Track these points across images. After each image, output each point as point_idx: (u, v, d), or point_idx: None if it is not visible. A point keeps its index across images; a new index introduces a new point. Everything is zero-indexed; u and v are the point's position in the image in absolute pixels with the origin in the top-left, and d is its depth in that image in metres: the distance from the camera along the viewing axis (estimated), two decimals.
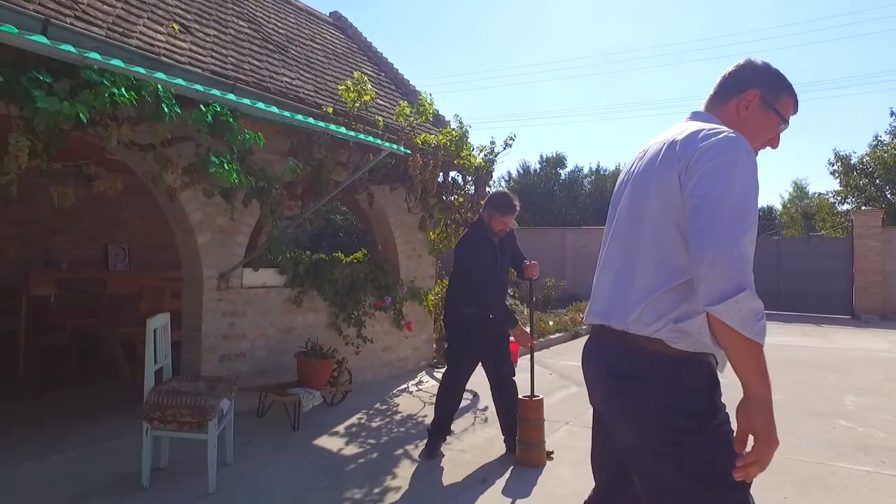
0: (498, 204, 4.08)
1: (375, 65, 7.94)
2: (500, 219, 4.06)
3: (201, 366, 4.71)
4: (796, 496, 3.60)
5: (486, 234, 4.14)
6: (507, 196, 4.16)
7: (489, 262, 4.11)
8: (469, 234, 4.27)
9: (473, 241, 4.16)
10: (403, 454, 4.27)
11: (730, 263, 1.37)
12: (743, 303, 1.35)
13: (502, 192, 4.26)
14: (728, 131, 1.51)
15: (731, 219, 1.40)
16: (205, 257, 4.73)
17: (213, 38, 4.78)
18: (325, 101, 5.07)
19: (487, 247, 4.13)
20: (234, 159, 3.69)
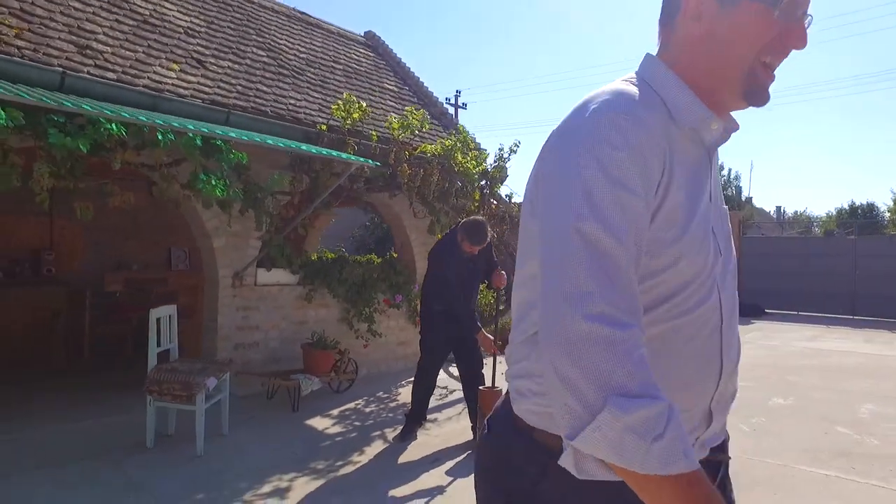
0: (469, 232, 4.38)
1: (401, 79, 8.50)
2: (469, 245, 4.43)
3: (217, 352, 5.44)
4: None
5: (457, 250, 4.51)
6: (479, 227, 4.41)
7: (455, 270, 4.49)
8: (442, 243, 4.67)
9: (444, 253, 4.56)
10: (380, 436, 4.76)
11: (569, 380, 0.77)
12: (607, 427, 0.74)
13: (476, 221, 4.48)
14: (588, 101, 0.92)
15: (566, 294, 0.80)
16: (220, 259, 5.46)
17: (225, 69, 5.52)
18: (326, 119, 5.67)
19: (455, 258, 4.49)
20: (224, 176, 4.35)
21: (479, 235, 4.34)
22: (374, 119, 6.31)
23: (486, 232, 4.38)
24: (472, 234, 4.35)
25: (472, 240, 4.34)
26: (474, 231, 4.35)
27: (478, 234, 4.34)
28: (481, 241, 4.36)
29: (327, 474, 3.89)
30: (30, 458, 3.96)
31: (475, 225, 4.39)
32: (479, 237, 4.34)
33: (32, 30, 4.31)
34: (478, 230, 4.36)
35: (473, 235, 4.34)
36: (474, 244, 4.36)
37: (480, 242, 4.36)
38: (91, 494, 3.44)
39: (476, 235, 4.34)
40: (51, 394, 5.57)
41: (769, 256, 15.47)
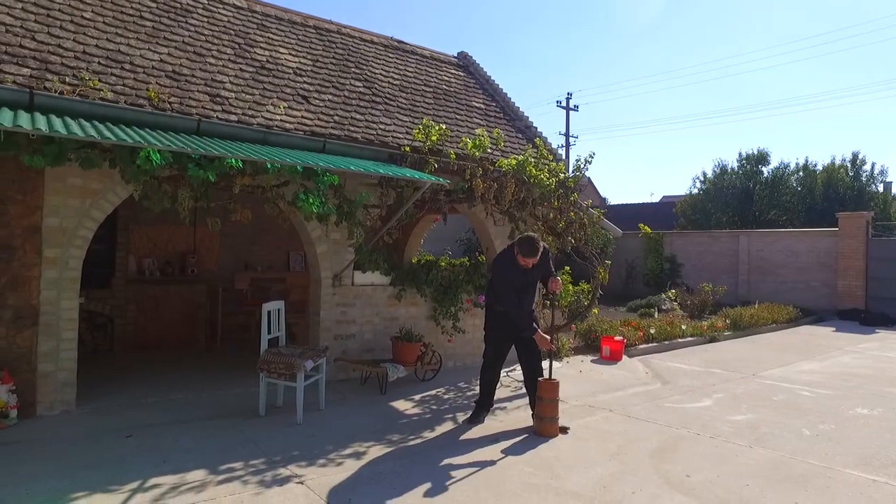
0: (522, 247, 5.00)
1: (489, 96, 9.15)
2: (522, 258, 5.02)
3: (319, 341, 6.42)
4: (761, 487, 4.02)
5: (515, 263, 5.11)
6: (531, 242, 4.98)
7: (514, 282, 5.09)
8: (502, 255, 5.29)
9: (501, 264, 5.18)
10: (451, 418, 5.45)
11: None
12: None
13: (528, 237, 5.05)
14: None
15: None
16: (322, 262, 6.44)
17: (326, 101, 6.49)
18: (411, 141, 6.46)
19: (513, 269, 5.10)
20: (320, 195, 5.26)
21: (529, 250, 4.95)
22: (456, 138, 7.01)
23: (536, 247, 4.95)
24: (523, 249, 4.97)
25: (523, 253, 4.96)
26: (525, 247, 4.97)
27: (528, 249, 4.95)
28: (532, 254, 4.94)
29: (398, 444, 4.64)
30: (173, 415, 5.12)
31: (527, 241, 4.99)
32: (529, 251, 4.94)
33: (180, 87, 5.49)
34: (528, 246, 4.96)
35: (525, 250, 4.96)
36: (526, 257, 4.95)
37: (532, 255, 4.94)
38: (216, 445, 4.46)
39: (527, 250, 4.95)
40: (191, 370, 6.88)
41: None
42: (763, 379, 7.38)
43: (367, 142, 6.09)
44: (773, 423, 5.36)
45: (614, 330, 9.29)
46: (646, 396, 6.37)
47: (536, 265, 5.10)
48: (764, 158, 25.57)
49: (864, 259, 14.63)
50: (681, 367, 8.14)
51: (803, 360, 8.75)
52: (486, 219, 7.29)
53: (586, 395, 6.40)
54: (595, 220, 7.79)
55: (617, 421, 5.38)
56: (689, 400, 6.22)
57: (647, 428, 5.16)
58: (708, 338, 10.50)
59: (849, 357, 9.15)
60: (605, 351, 8.51)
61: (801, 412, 5.77)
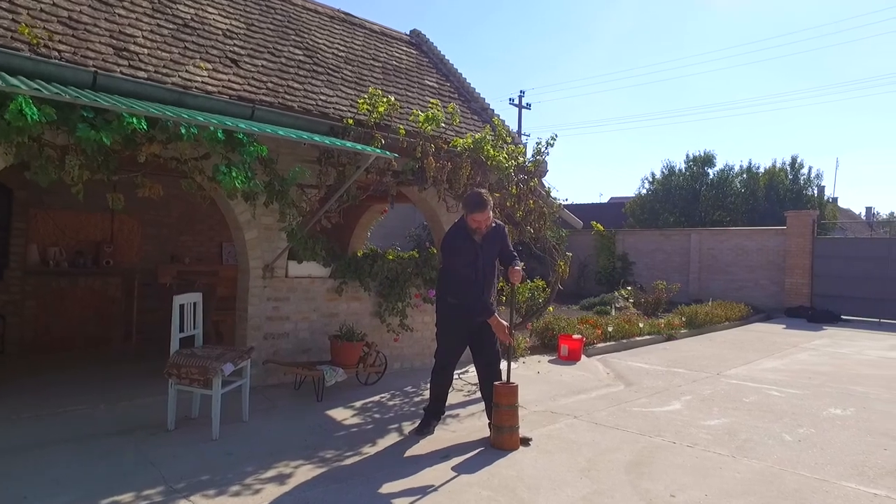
0: (467, 202, 4.41)
1: (443, 76, 8.49)
2: (471, 217, 4.37)
3: (247, 341, 5.60)
4: None
5: (466, 232, 4.47)
6: (474, 194, 4.45)
7: (467, 258, 4.44)
8: (450, 230, 4.63)
9: (452, 238, 4.52)
10: (396, 429, 4.75)
11: None
12: None
13: (474, 191, 4.57)
14: None
15: None
16: (251, 250, 5.62)
17: (258, 67, 5.68)
18: (356, 114, 5.72)
19: (466, 243, 4.45)
20: (246, 168, 4.47)
21: (473, 202, 4.34)
22: (406, 114, 6.31)
23: (483, 199, 4.35)
24: (469, 202, 4.38)
25: (470, 208, 4.35)
26: (469, 199, 4.40)
27: (472, 202, 4.35)
28: (477, 206, 4.33)
29: (332, 463, 3.91)
30: (60, 432, 4.22)
31: (470, 195, 4.44)
32: (474, 204, 4.34)
33: (76, 35, 4.58)
34: (472, 197, 4.39)
35: (470, 204, 4.36)
36: (474, 212, 4.33)
37: (478, 208, 4.33)
38: (108, 468, 3.62)
39: (472, 203, 4.35)
40: (98, 375, 5.92)
41: (847, 259, 14.38)
42: (728, 378, 7.00)
43: (304, 111, 5.32)
44: (750, 428, 4.91)
45: (572, 328, 8.80)
46: (611, 400, 5.85)
47: (491, 237, 4.49)
48: (710, 160, 25.93)
49: (810, 257, 14.75)
50: (642, 366, 7.69)
51: (764, 358, 8.48)
52: (437, 205, 6.62)
53: (547, 398, 5.82)
54: (556, 210, 7.25)
55: (583, 429, 4.81)
56: (657, 403, 5.73)
57: (617, 437, 4.61)
58: (665, 336, 10.17)
59: (806, 354, 8.96)
60: (564, 350, 7.99)
61: (776, 415, 5.36)
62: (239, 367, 4.49)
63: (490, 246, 4.55)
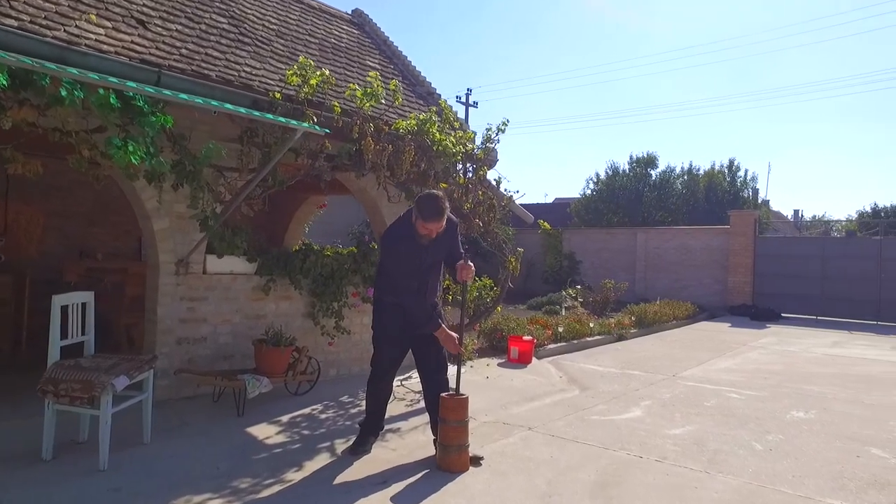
0: (421, 208, 3.70)
1: (387, 58, 7.87)
2: (422, 224, 3.73)
3: (156, 347, 4.83)
4: None
5: (411, 235, 3.82)
6: (433, 200, 3.72)
7: (408, 266, 3.83)
8: (394, 226, 4.01)
9: (394, 238, 3.89)
10: (327, 448, 4.11)
11: None
12: None
13: (430, 194, 3.81)
14: None
15: None
16: (161, 242, 4.86)
17: (173, 32, 4.91)
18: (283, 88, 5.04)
19: (409, 248, 3.83)
20: (147, 142, 3.73)
21: (432, 211, 3.65)
22: (343, 91, 5.66)
23: (441, 206, 3.68)
24: (425, 210, 3.66)
25: (425, 216, 3.67)
26: (425, 206, 3.67)
27: (432, 210, 3.65)
28: (436, 217, 3.67)
29: (247, 495, 3.25)
30: None
31: (427, 199, 3.71)
32: (433, 213, 3.65)
33: None
34: (430, 204, 3.67)
35: (426, 211, 3.66)
36: (428, 222, 3.68)
37: (436, 219, 3.68)
38: None
39: (427, 211, 3.66)
40: None
41: (786, 258, 14.61)
42: (685, 380, 6.69)
43: (223, 82, 4.59)
44: (718, 437, 4.53)
45: (522, 329, 8.34)
46: (567, 407, 5.38)
47: (440, 238, 3.86)
48: (652, 162, 26.31)
49: (752, 256, 14.92)
50: (596, 369, 7.31)
51: (716, 358, 8.27)
52: (378, 194, 6.01)
53: (497, 407, 5.30)
54: (506, 203, 6.75)
55: (540, 443, 4.31)
56: (616, 410, 5.31)
57: (578, 452, 4.12)
58: (616, 336, 9.89)
59: (756, 353, 8.83)
60: (514, 352, 7.52)
61: (740, 420, 5.02)
62: (137, 379, 3.75)
63: (437, 248, 3.92)
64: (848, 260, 13.99)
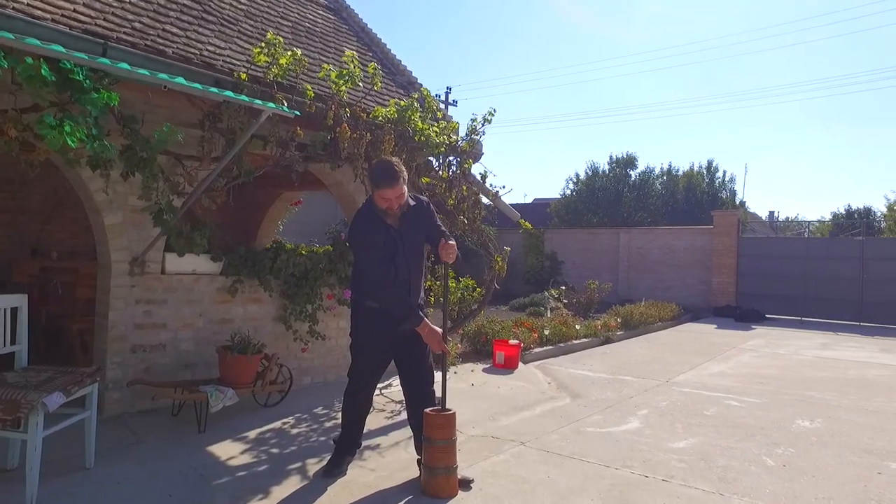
0: (372, 174, 3.38)
1: (365, 45, 7.42)
2: (379, 194, 3.33)
3: (107, 356, 4.33)
4: None
5: (377, 216, 3.43)
6: (381, 162, 3.43)
7: (383, 252, 3.41)
8: (357, 218, 3.56)
9: (361, 227, 3.45)
10: (298, 469, 3.67)
11: None
12: None
13: (381, 160, 3.56)
14: None
15: None
16: (113, 239, 4.36)
17: (126, 4, 4.40)
18: (254, 71, 4.57)
19: (379, 232, 3.41)
20: (89, 123, 3.25)
21: (381, 175, 3.31)
22: (316, 72, 5.21)
23: (393, 170, 3.31)
24: (375, 175, 3.35)
25: (376, 182, 3.33)
26: (375, 172, 3.36)
27: (380, 174, 3.31)
28: (387, 179, 3.30)
29: None
30: None
31: (376, 165, 3.43)
32: (382, 176, 3.30)
33: None
34: (380, 167, 3.36)
35: (376, 177, 3.33)
36: (381, 187, 3.30)
37: (387, 182, 3.29)
38: None
39: (379, 176, 3.32)
40: None
41: (769, 258, 14.49)
42: (680, 387, 6.36)
43: (181, 59, 4.11)
44: (725, 451, 4.18)
45: (507, 332, 7.96)
46: (559, 417, 5.00)
47: (412, 218, 3.47)
48: (632, 162, 26.25)
49: (736, 256, 14.77)
50: (586, 374, 6.95)
51: (708, 362, 7.98)
52: (354, 188, 5.57)
53: (485, 418, 4.90)
54: (491, 199, 6.36)
55: (535, 460, 3.91)
56: (612, 421, 4.94)
57: (577, 471, 3.73)
58: (603, 338, 9.56)
59: (747, 356, 8.57)
60: (499, 357, 7.12)
61: (746, 431, 4.69)
62: (76, 395, 3.25)
63: (412, 231, 3.52)
64: (830, 261, 13.90)
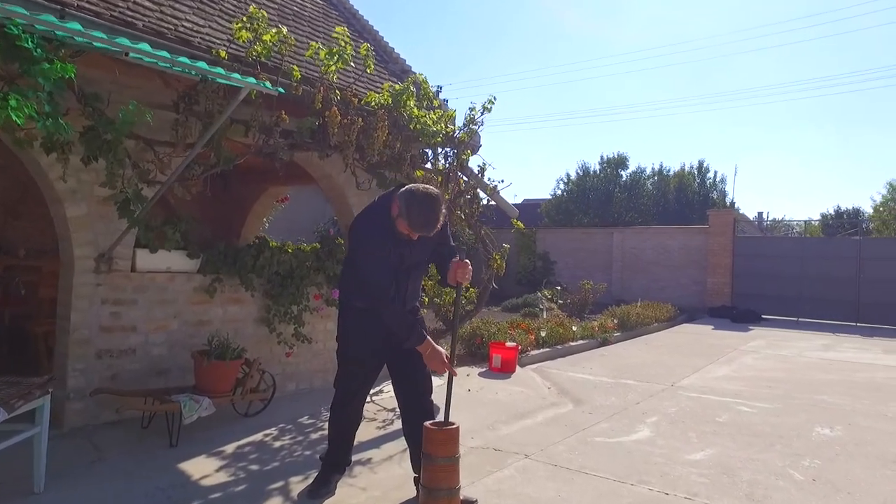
0: (411, 211, 2.85)
1: (356, 32, 7.02)
2: (406, 227, 2.92)
3: (69, 362, 3.92)
4: None
5: (390, 230, 3.01)
6: (429, 205, 2.85)
7: (386, 261, 3.01)
8: (369, 214, 3.17)
9: (367, 232, 3.05)
10: (281, 489, 3.29)
11: None
12: None
13: (428, 195, 2.89)
14: None
15: None
16: (76, 233, 3.95)
17: None
18: (234, 50, 4.18)
19: (387, 239, 3.01)
20: (43, 100, 2.85)
21: (424, 219, 2.83)
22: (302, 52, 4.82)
23: (436, 215, 2.85)
24: (415, 212, 2.82)
25: (413, 222, 2.85)
26: (420, 211, 2.82)
27: (423, 218, 2.83)
28: (427, 226, 2.86)
29: None
30: None
31: (425, 202, 2.83)
32: (424, 222, 2.84)
33: None
34: (425, 210, 2.82)
35: (417, 217, 2.83)
36: (416, 229, 2.88)
37: (426, 229, 2.87)
38: None
39: (416, 222, 2.84)
40: None
41: (764, 258, 14.27)
42: (686, 391, 6.04)
43: (154, 33, 3.71)
44: (747, 463, 3.85)
45: (503, 334, 7.62)
46: (564, 426, 4.66)
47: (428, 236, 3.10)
48: (623, 162, 26.09)
49: (731, 256, 14.54)
50: (587, 378, 6.62)
51: (711, 364, 7.68)
52: (345, 180, 5.19)
53: (484, 427, 4.55)
54: (490, 193, 6.01)
55: (542, 476, 3.56)
56: (621, 429, 4.60)
57: (590, 487, 3.39)
58: (600, 340, 9.24)
59: (750, 358, 8.28)
60: (496, 361, 6.78)
61: (764, 440, 4.37)
62: (22, 410, 2.85)
63: (423, 249, 3.13)
64: (827, 261, 13.70)
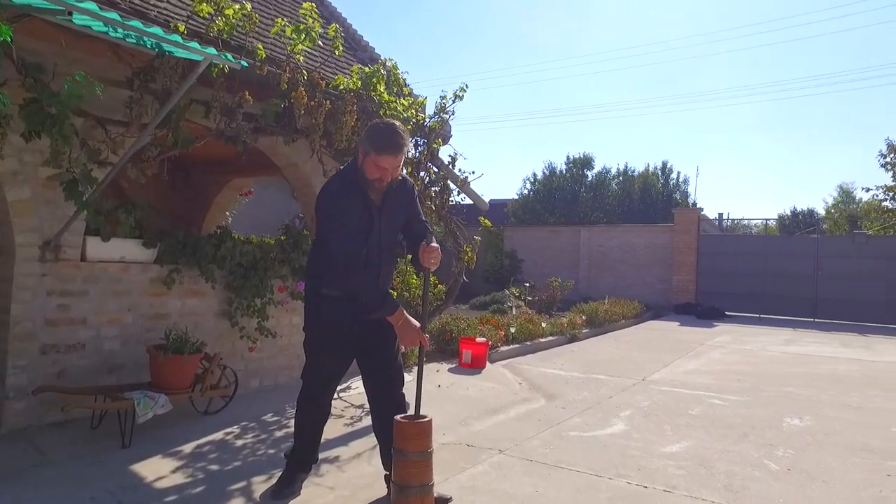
0: (372, 137, 2.82)
1: (325, 19, 6.81)
2: (374, 159, 2.80)
3: (9, 359, 3.63)
4: None
5: (357, 183, 2.91)
6: (386, 126, 2.88)
7: (358, 225, 2.89)
8: (332, 182, 3.04)
9: (335, 193, 2.93)
10: (242, 490, 3.09)
11: None
12: None
13: (386, 121, 3.03)
14: None
15: None
16: (18, 218, 3.66)
17: None
18: (195, 25, 3.95)
19: (357, 202, 2.90)
20: None
21: (385, 139, 2.78)
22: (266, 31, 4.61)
23: (400, 137, 2.81)
24: (377, 137, 2.80)
25: (377, 147, 2.78)
26: (377, 134, 2.82)
27: (383, 138, 2.79)
28: (391, 147, 2.79)
29: None
30: None
31: (385, 126, 2.87)
32: (385, 142, 2.78)
33: None
34: (385, 131, 2.82)
35: (378, 140, 2.79)
36: (381, 154, 2.78)
37: (391, 150, 2.79)
38: None
39: (381, 140, 2.79)
40: None
41: (728, 256, 14.54)
42: (657, 385, 6.02)
43: (104, 2, 3.45)
44: (722, 455, 3.81)
45: (473, 329, 7.50)
46: (537, 421, 4.56)
47: (396, 197, 2.97)
48: (589, 162, 26.29)
49: (696, 254, 14.76)
50: (557, 373, 6.55)
51: (679, 359, 7.72)
52: (311, 168, 5.00)
53: (457, 423, 4.41)
54: (460, 184, 5.88)
55: (518, 472, 3.44)
56: (595, 423, 4.52)
57: (567, 482, 3.28)
58: (569, 336, 9.22)
59: (717, 353, 8.37)
60: (466, 356, 6.65)
61: (738, 432, 4.35)
62: None
63: (393, 210, 3.01)
64: (787, 258, 14.04)
